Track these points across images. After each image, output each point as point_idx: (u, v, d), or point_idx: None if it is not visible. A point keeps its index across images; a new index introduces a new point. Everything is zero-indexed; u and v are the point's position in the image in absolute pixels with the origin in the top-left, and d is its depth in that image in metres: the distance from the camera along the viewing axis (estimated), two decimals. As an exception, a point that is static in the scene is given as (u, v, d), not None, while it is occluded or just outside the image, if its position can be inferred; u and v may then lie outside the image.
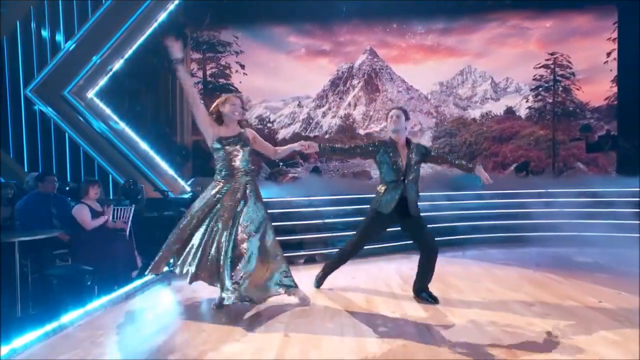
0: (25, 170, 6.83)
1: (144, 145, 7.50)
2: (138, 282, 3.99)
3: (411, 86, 11.46)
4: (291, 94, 11.37)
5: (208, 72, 11.59)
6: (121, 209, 4.63)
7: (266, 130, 12.66)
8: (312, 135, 12.72)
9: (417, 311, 3.03)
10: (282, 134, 12.43)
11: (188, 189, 7.28)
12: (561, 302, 3.30)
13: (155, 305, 3.55)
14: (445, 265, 4.61)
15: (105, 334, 2.71)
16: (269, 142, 3.68)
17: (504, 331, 2.64)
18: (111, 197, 6.81)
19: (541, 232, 6.14)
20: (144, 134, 7.57)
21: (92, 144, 7.08)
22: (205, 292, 3.85)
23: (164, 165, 7.66)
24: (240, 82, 11.52)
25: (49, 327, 2.54)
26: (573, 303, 3.26)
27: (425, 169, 11.32)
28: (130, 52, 7.46)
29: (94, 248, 3.79)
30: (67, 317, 2.79)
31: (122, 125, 7.32)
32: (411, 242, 3.55)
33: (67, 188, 5.45)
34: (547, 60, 8.91)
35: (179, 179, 7.78)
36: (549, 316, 2.92)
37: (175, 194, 7.05)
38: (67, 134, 7.08)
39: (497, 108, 9.69)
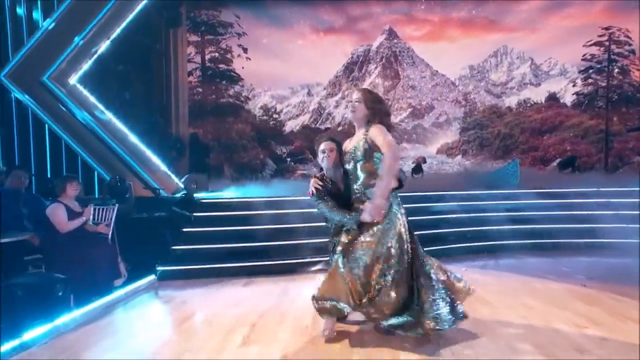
0: (0, 165, 6.83)
1: (133, 138, 7.45)
2: (120, 292, 3.92)
3: (436, 71, 11.15)
4: (300, 81, 11.26)
5: (207, 57, 11.52)
6: (103, 209, 4.56)
7: (272, 122, 12.63)
8: (323, 127, 12.66)
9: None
10: (290, 126, 12.33)
11: (182, 187, 7.22)
12: (620, 324, 3.05)
13: (138, 319, 3.46)
14: (475, 276, 4.47)
15: (72, 355, 2.60)
16: (275, 134, 3.51)
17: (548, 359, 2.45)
18: (96, 195, 6.80)
19: (591, 238, 5.88)
20: (134, 125, 7.52)
21: (75, 137, 7.03)
22: (197, 303, 3.82)
23: (155, 160, 7.61)
24: (243, 67, 11.46)
25: (6, 346, 2.43)
26: (635, 326, 3.01)
27: (452, 165, 11.32)
28: (117, 31, 7.38)
29: (70, 253, 3.71)
30: (29, 335, 2.69)
31: (109, 115, 7.28)
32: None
33: (50, 186, 5.39)
34: (601, 36, 8.45)
35: (173, 176, 7.72)
36: (605, 342, 2.69)
37: (168, 193, 7.02)
38: (46, 125, 7.02)
39: (538, 94, 9.38)
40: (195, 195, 6.35)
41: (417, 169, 9.39)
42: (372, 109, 2.70)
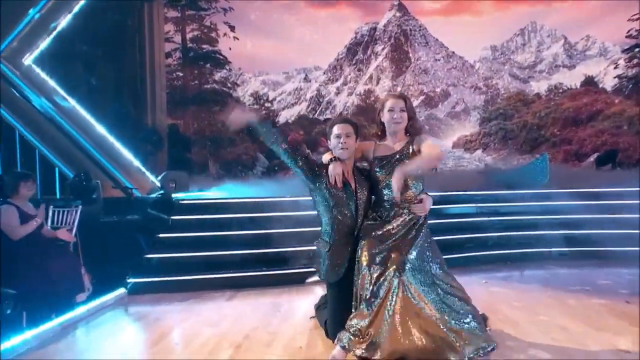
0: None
1: (101, 129, 7.38)
2: (83, 309, 3.86)
3: (453, 52, 11.08)
4: (296, 65, 11.20)
5: (188, 36, 11.47)
6: (64, 211, 4.51)
7: (264, 111, 12.59)
8: (322, 118, 12.58)
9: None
10: (284, 116, 12.27)
11: (159, 186, 7.17)
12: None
13: (104, 340, 3.38)
14: (496, 290, 4.41)
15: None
16: None
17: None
18: (57, 196, 6.73)
19: (635, 247, 5.76)
20: (102, 113, 7.43)
21: (31, 126, 6.90)
22: (174, 320, 3.77)
23: (127, 155, 7.54)
24: (230, 48, 11.40)
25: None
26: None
27: (471, 161, 11.29)
28: (80, 4, 7.25)
29: (23, 263, 3.64)
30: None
31: (72, 102, 7.20)
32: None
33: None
34: (649, 9, 8.35)
35: (148, 173, 7.67)
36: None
37: (142, 193, 6.97)
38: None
39: (572, 78, 9.30)
40: (173, 195, 6.30)
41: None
42: (413, 119, 2.87)
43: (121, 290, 4.50)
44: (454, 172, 10.07)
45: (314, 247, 3.07)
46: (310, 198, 3.02)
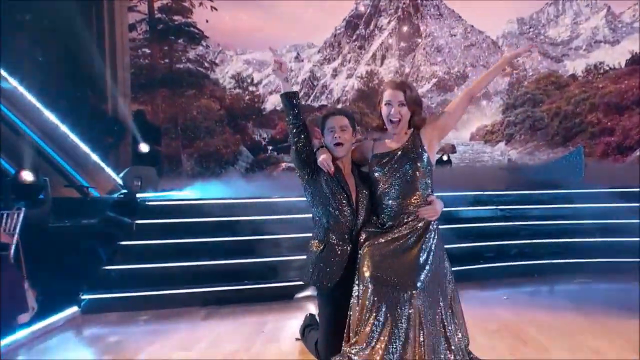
0: None
1: (51, 117, 7.31)
2: (27, 332, 3.81)
3: (471, 26, 11.10)
4: (285, 41, 11.18)
5: (156, 5, 11.41)
6: (3, 215, 4.45)
7: (247, 97, 12.51)
8: (317, 105, 12.47)
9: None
10: (272, 102, 12.24)
11: (121, 184, 7.14)
12: None
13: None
14: (521, 308, 4.41)
15: None
16: (252, 113, 3.43)
17: None
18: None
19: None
20: (52, 98, 7.38)
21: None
22: (138, 344, 3.74)
23: (84, 148, 7.52)
24: (207, 21, 11.36)
25: None
26: None
27: (492, 155, 11.29)
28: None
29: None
30: None
31: (13, 84, 7.12)
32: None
33: None
34: None
35: (108, 170, 7.67)
36: None
37: (102, 193, 7.00)
38: None
39: (615, 56, 9.27)
40: (138, 195, 6.30)
41: (444, 160, 9.39)
42: (416, 112, 2.83)
43: (73, 309, 4.46)
44: (472, 169, 10.10)
45: (305, 257, 3.04)
46: (304, 199, 2.99)
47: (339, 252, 2.82)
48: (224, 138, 11.46)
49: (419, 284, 2.60)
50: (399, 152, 2.80)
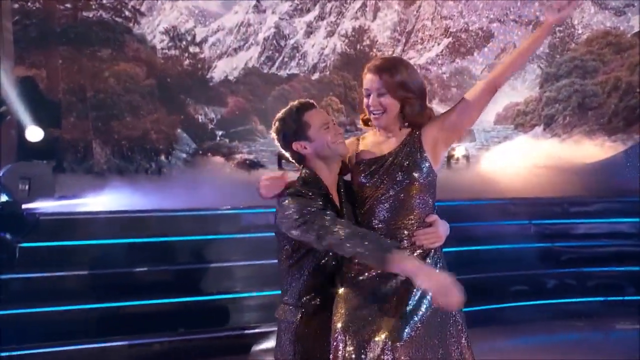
0: None
1: None
2: None
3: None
4: (240, -16, 11.09)
5: None
6: None
7: (186, 61, 12.28)
8: (285, 73, 12.27)
9: None
10: (222, 69, 12.06)
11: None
12: None
13: None
14: None
15: None
16: (193, 85, 3.27)
17: None
18: None
19: None
20: None
21: None
22: None
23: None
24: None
25: None
26: None
27: (524, 145, 11.22)
28: None
29: None
30: None
31: None
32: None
33: None
34: None
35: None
36: None
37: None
38: None
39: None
40: (25, 206, 6.12)
41: (456, 158, 9.48)
42: (409, 101, 2.71)
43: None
44: (495, 164, 10.04)
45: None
46: (268, 209, 2.94)
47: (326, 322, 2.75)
48: (155, 118, 11.33)
49: (404, 334, 2.57)
50: (390, 159, 2.76)
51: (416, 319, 2.59)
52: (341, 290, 2.69)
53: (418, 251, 2.70)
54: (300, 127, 2.69)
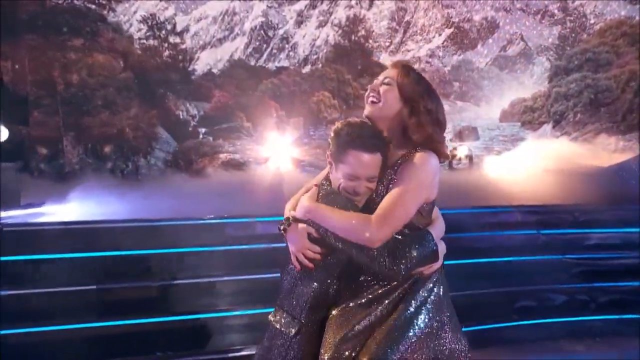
0: None
1: None
2: None
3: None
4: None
5: None
6: None
7: (167, 52, 12.27)
8: (273, 66, 12.27)
9: None
10: (205, 61, 12.02)
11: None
12: None
13: None
14: None
15: None
16: (175, 78, 3.22)
17: None
18: None
19: None
20: None
21: None
22: None
23: None
24: None
25: None
26: None
27: (532, 144, 11.24)
28: None
29: None
30: None
31: None
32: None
33: None
34: None
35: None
36: None
37: None
38: None
39: None
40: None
41: (458, 159, 9.47)
42: (415, 110, 2.72)
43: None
44: (500, 167, 10.07)
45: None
46: (259, 219, 2.91)
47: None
48: (132, 114, 11.30)
49: (395, 357, 2.59)
50: (380, 186, 2.73)
51: (408, 336, 2.62)
52: (332, 316, 2.72)
53: (414, 277, 2.71)
54: (340, 152, 2.67)
